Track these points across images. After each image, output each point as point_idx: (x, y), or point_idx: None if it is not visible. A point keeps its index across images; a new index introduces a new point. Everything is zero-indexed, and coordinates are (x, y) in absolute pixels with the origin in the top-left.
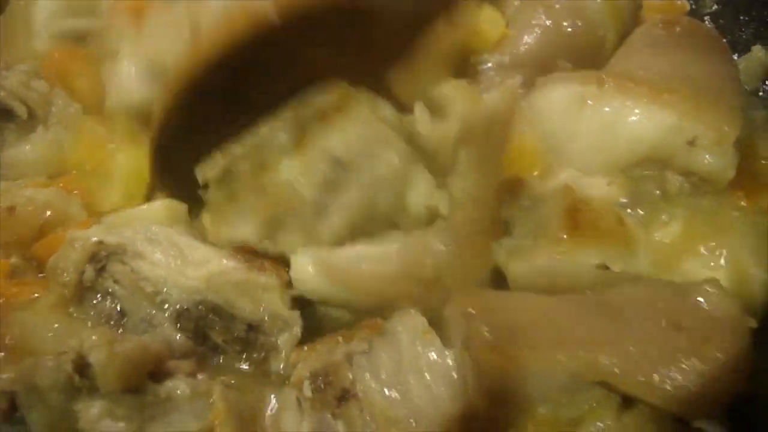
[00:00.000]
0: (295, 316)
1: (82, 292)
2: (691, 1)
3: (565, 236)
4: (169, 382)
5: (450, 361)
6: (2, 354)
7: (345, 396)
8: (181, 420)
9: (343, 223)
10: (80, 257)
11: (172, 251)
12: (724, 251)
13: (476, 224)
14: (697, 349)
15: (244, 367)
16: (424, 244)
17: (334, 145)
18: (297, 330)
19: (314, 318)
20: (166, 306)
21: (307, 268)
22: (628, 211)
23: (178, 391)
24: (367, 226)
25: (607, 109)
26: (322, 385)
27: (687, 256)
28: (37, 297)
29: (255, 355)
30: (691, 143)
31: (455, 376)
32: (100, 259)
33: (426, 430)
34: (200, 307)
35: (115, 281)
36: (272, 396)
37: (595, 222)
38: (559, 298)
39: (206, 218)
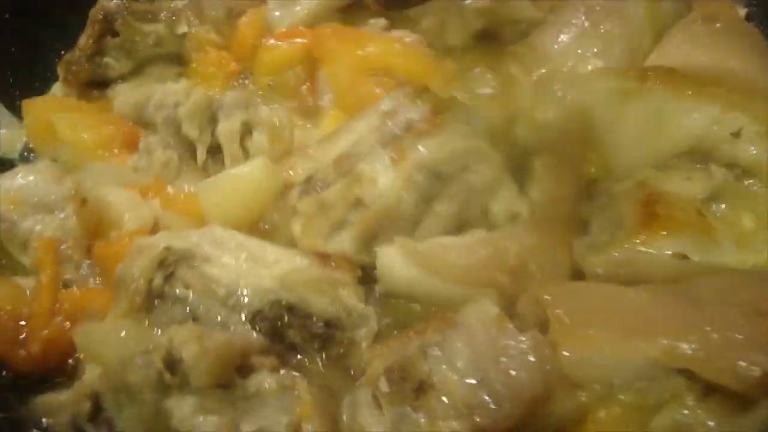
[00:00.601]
0: (371, 310)
1: (152, 299)
2: None
3: (641, 228)
4: (255, 377)
5: (525, 345)
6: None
7: (422, 387)
8: (270, 413)
9: (437, 233)
10: (149, 264)
11: (241, 253)
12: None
13: (555, 222)
14: None
15: (323, 363)
16: (509, 234)
17: (431, 158)
18: (374, 324)
19: (389, 314)
20: (240, 308)
21: (396, 258)
22: (712, 205)
23: (266, 385)
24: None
25: (650, 103)
26: (399, 380)
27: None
28: (107, 307)
29: (334, 352)
30: (736, 135)
31: (532, 359)
32: (169, 265)
33: (509, 412)
34: (275, 307)
35: (186, 286)
36: (347, 395)
37: (672, 213)
38: (637, 288)
39: (296, 227)
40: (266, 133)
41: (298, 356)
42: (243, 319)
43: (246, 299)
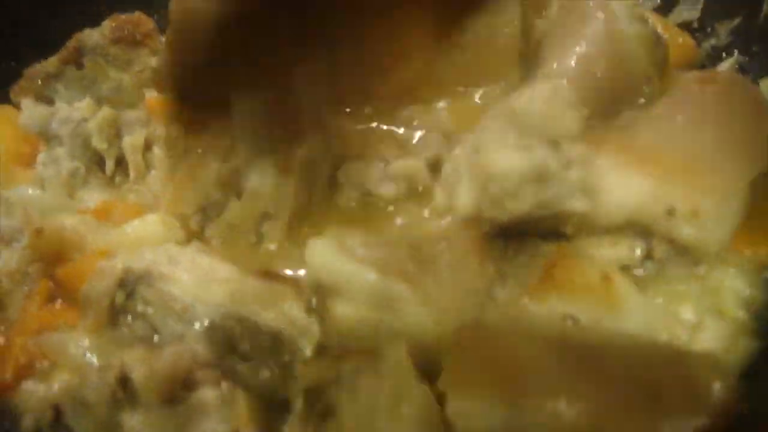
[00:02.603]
0: (313, 321)
1: (115, 316)
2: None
3: (536, 288)
4: (199, 391)
5: (416, 401)
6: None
7: (327, 414)
8: (211, 425)
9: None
10: (110, 285)
11: (195, 270)
12: (714, 311)
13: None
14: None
15: (267, 374)
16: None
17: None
18: (315, 333)
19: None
20: (196, 321)
21: (322, 248)
22: (636, 271)
23: (208, 399)
24: None
25: (592, 169)
26: (313, 400)
27: (680, 317)
28: (73, 324)
29: (282, 360)
30: (671, 213)
31: (419, 415)
32: (129, 284)
33: None
34: (227, 319)
35: (146, 303)
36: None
37: (571, 277)
38: (544, 343)
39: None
40: (163, 148)
41: (246, 367)
42: (197, 331)
43: (200, 313)
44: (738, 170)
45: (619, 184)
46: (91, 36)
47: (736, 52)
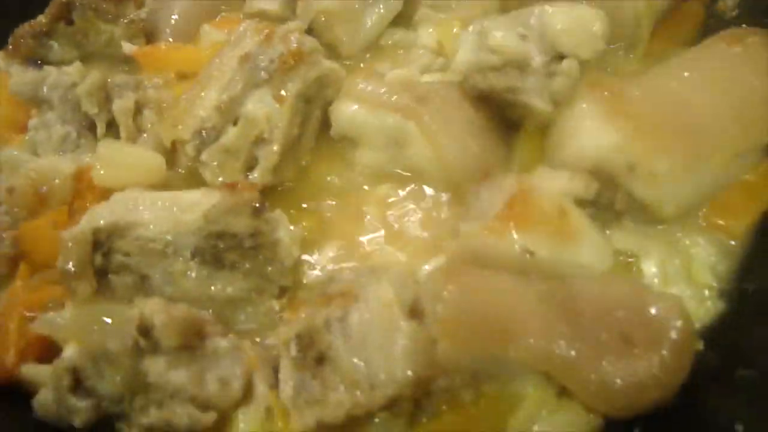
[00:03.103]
0: (280, 212)
1: (104, 278)
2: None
3: (495, 221)
4: (211, 340)
5: (406, 335)
6: None
7: (322, 358)
8: (227, 366)
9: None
10: (85, 252)
11: (160, 207)
12: (677, 267)
13: None
14: (640, 363)
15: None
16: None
17: (304, 87)
18: (286, 222)
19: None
20: (180, 252)
21: (345, 105)
22: (589, 210)
23: (221, 345)
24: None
25: (575, 111)
26: (305, 347)
27: (641, 263)
28: (63, 299)
29: (266, 255)
30: (631, 169)
31: (410, 348)
32: (103, 243)
33: (383, 393)
34: (207, 239)
35: (126, 254)
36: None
37: (528, 210)
38: (527, 286)
39: (207, 175)
40: (154, 111)
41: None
42: (185, 259)
43: (181, 244)
44: (717, 143)
45: (591, 129)
46: None
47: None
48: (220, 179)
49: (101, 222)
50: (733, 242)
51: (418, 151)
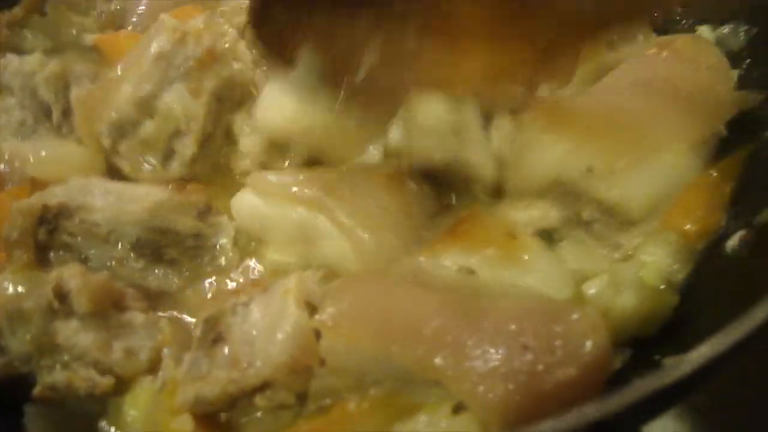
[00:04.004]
0: (225, 218)
1: (45, 253)
2: None
3: (436, 242)
4: (129, 313)
5: (290, 324)
6: None
7: (218, 339)
8: (138, 339)
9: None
10: (30, 224)
11: (110, 196)
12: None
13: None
14: (542, 379)
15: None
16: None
17: (217, 85)
18: (230, 229)
19: None
20: (121, 241)
21: (246, 197)
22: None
23: (137, 319)
24: None
25: (523, 132)
26: (207, 329)
27: (585, 281)
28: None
29: (206, 258)
30: (589, 171)
31: (290, 336)
32: (49, 220)
33: (254, 372)
34: (150, 232)
35: (70, 234)
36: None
37: (472, 232)
38: (432, 294)
39: (125, 166)
40: None
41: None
42: (125, 248)
43: (124, 233)
44: (664, 137)
45: (541, 143)
46: None
47: None
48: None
49: (52, 200)
50: (689, 245)
51: (331, 247)
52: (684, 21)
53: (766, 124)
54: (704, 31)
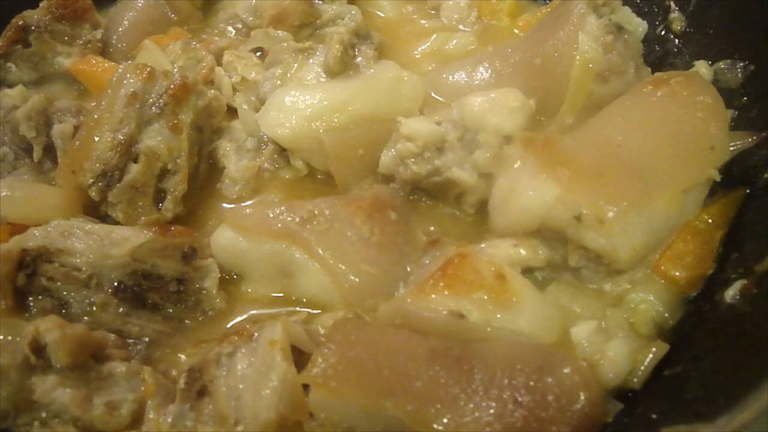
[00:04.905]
0: (212, 261)
1: (24, 298)
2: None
3: (425, 285)
4: (109, 364)
5: (279, 375)
6: None
7: (203, 391)
8: (120, 391)
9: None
10: (8, 270)
11: (91, 238)
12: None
13: None
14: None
15: (188, 322)
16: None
17: (195, 117)
18: (216, 272)
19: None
20: (102, 285)
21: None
22: (538, 273)
23: (118, 370)
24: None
25: (511, 174)
26: (191, 380)
27: (573, 324)
28: None
29: (190, 302)
30: (578, 219)
31: (276, 392)
32: (28, 265)
33: (243, 431)
34: (132, 277)
35: (49, 279)
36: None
37: (462, 273)
38: (422, 341)
39: (119, 215)
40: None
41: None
42: (107, 293)
43: (105, 278)
44: (655, 181)
45: (531, 186)
46: (32, 16)
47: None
48: (143, 219)
49: (31, 243)
50: (680, 292)
51: (310, 281)
52: (681, 54)
53: (763, 166)
54: (701, 65)
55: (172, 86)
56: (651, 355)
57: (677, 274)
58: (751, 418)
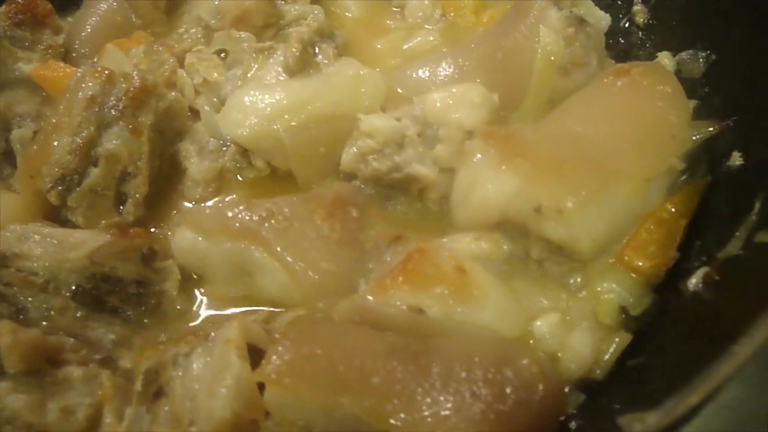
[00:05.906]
0: (172, 263)
1: None
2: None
3: (384, 280)
4: (65, 368)
5: (234, 374)
6: None
7: (159, 393)
8: (75, 396)
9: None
10: None
11: (49, 242)
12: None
13: None
14: (488, 425)
15: (147, 321)
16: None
17: (156, 119)
18: (177, 274)
19: None
20: (60, 289)
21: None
22: (500, 266)
23: (74, 374)
24: None
25: (470, 167)
26: (148, 382)
27: (537, 317)
28: None
29: (150, 304)
30: (538, 211)
31: (230, 390)
32: None
33: (197, 431)
34: (90, 280)
35: (5, 284)
36: None
37: (422, 268)
38: (380, 336)
39: (79, 219)
40: None
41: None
42: (65, 298)
43: (63, 282)
44: (616, 171)
45: (490, 178)
46: None
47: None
48: (103, 222)
49: None
50: (645, 281)
51: (270, 281)
52: (644, 46)
53: (725, 154)
54: (664, 56)
55: (132, 89)
56: (614, 346)
57: (641, 263)
58: (698, 402)
